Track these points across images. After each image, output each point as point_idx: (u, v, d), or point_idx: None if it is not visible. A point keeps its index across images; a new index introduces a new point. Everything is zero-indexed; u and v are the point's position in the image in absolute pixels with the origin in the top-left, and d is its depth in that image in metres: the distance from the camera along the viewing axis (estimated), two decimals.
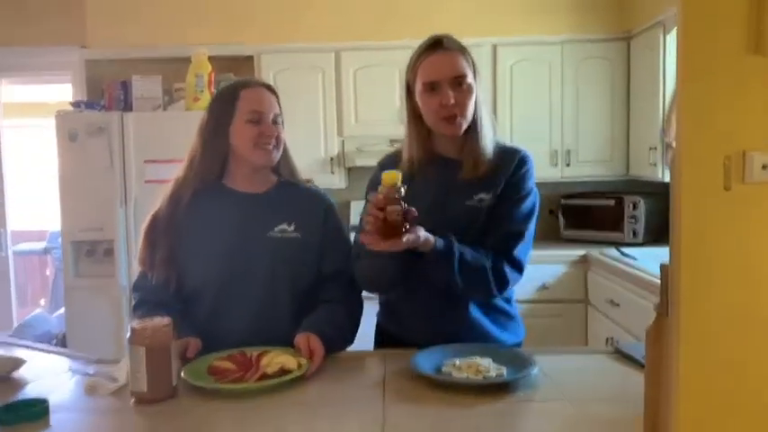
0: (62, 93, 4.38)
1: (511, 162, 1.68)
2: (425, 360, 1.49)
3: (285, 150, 1.79)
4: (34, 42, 3.93)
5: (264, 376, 1.43)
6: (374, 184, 1.77)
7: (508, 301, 1.79)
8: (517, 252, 1.64)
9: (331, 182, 3.74)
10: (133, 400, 1.36)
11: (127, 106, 3.48)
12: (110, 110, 3.47)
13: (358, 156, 3.73)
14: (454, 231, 1.60)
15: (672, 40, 3.26)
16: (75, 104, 3.49)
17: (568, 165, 3.79)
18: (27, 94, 5.20)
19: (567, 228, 3.90)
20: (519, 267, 1.65)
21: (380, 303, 1.86)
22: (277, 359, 1.48)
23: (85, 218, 3.38)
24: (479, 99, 1.65)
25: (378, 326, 1.87)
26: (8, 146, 4.67)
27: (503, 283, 1.63)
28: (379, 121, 3.71)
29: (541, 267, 3.48)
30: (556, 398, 1.32)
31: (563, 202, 3.91)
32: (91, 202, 3.38)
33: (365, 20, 3.81)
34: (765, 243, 0.91)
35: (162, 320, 1.41)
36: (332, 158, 3.75)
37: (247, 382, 1.41)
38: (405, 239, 1.45)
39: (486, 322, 1.71)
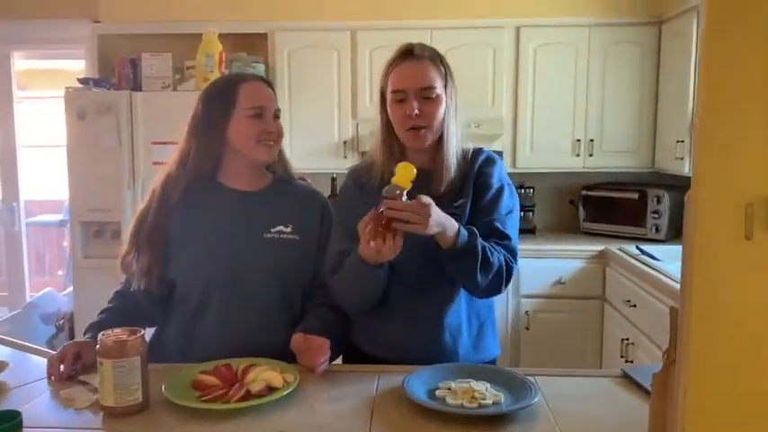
0: (78, 64, 4.31)
1: (475, 162, 1.65)
2: (419, 381, 1.43)
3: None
4: (47, 15, 3.86)
5: (248, 394, 1.37)
6: (346, 200, 1.72)
7: (490, 308, 1.73)
8: (513, 244, 1.60)
9: (344, 166, 3.62)
10: (102, 413, 1.33)
11: (136, 85, 3.40)
12: (119, 88, 3.40)
13: (372, 140, 3.57)
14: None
15: None
16: (84, 81, 3.41)
17: (591, 155, 3.63)
18: (45, 63, 5.11)
19: (587, 220, 3.76)
20: (516, 259, 1.60)
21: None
22: (263, 375, 1.43)
23: (93, 198, 3.34)
24: (450, 109, 1.60)
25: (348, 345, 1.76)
26: (26, 113, 4.63)
27: (510, 277, 1.58)
28: None
29: (559, 262, 3.38)
30: None
31: (584, 192, 3.77)
32: (99, 182, 3.33)
33: None
34: None
35: (130, 332, 1.36)
36: (345, 142, 3.63)
37: (227, 402, 1.34)
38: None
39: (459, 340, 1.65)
